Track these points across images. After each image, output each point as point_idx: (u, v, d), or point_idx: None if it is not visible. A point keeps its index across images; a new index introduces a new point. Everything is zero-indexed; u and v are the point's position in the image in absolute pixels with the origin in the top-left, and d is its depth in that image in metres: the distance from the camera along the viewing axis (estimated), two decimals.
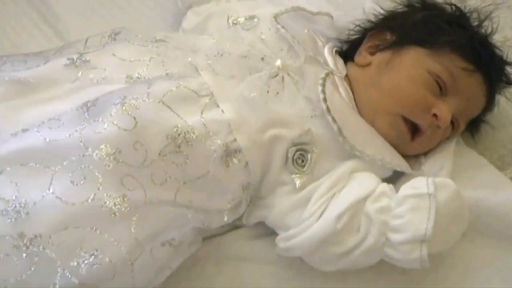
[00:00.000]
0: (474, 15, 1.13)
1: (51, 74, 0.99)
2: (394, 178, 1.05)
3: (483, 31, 1.13)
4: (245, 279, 1.04)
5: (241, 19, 1.13)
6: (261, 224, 1.06)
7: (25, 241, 0.83)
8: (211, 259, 1.05)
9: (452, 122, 1.07)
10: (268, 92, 1.01)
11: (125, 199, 0.88)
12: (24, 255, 0.83)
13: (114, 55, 1.03)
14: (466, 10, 1.14)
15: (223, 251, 1.06)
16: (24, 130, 0.91)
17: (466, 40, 1.08)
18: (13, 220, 0.84)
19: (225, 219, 1.00)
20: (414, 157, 1.09)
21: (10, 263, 0.82)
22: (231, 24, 1.13)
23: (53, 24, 1.35)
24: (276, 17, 1.10)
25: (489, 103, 1.13)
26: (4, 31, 1.34)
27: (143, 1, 1.40)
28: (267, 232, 1.05)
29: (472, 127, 1.16)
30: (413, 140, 1.05)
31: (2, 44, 1.30)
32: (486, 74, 1.08)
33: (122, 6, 1.39)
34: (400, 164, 1.04)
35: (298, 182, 0.99)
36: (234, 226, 1.07)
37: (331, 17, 1.17)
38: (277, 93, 1.01)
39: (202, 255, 1.04)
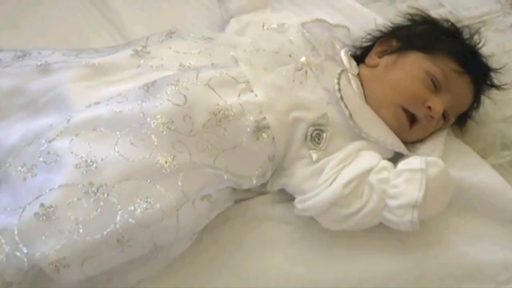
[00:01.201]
0: (466, 30, 1.26)
1: (119, 61, 1.12)
2: (394, 160, 1.13)
3: (472, 43, 1.25)
4: (267, 236, 1.12)
5: (274, 25, 1.25)
6: (283, 191, 1.15)
7: (93, 189, 0.93)
8: (240, 218, 1.14)
9: (443, 115, 1.18)
10: (293, 81, 1.12)
11: (175, 158, 0.98)
12: (92, 200, 0.93)
13: (170, 48, 1.16)
14: (459, 26, 1.27)
15: (250, 212, 1.14)
16: (96, 103, 1.02)
17: (459, 48, 1.20)
18: (85, 172, 0.94)
19: (254, 182, 1.09)
20: (411, 144, 1.20)
21: (81, 205, 0.92)
22: (265, 29, 1.25)
23: (120, 28, 1.46)
24: (303, 24, 1.21)
25: (475, 101, 1.24)
26: (80, 30, 1.46)
27: (193, 13, 1.52)
28: (288, 198, 1.14)
29: (460, 121, 1.26)
30: (411, 129, 1.16)
31: (73, 40, 1.40)
32: (473, 76, 1.19)
33: (175, 17, 1.52)
34: (400, 146, 1.14)
35: (314, 156, 1.09)
36: (260, 192, 1.17)
37: (348, 29, 1.29)
38: (301, 82, 1.13)
39: (233, 215, 1.14)
